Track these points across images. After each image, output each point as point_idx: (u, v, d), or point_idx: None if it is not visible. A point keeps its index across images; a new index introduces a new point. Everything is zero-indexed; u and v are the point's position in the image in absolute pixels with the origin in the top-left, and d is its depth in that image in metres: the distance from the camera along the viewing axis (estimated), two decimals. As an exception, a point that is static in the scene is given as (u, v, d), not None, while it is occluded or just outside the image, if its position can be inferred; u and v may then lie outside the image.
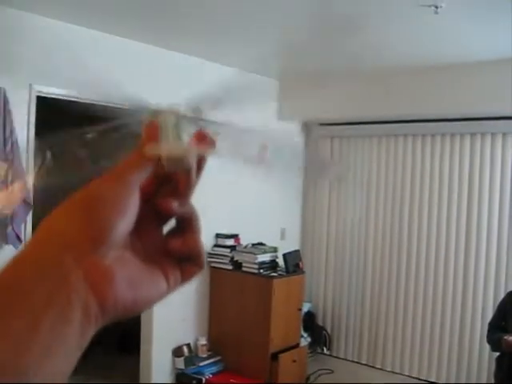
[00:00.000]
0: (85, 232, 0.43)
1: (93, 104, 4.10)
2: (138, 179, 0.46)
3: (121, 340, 5.61)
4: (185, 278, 0.51)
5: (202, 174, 0.50)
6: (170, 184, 0.49)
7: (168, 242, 0.50)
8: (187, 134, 0.48)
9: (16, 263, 0.42)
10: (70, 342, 0.40)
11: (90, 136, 0.51)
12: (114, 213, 0.44)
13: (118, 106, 0.54)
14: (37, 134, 3.83)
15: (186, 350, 5.03)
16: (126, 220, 0.45)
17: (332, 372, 5.56)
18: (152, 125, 0.47)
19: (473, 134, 5.17)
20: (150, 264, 0.49)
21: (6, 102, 3.54)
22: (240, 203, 5.34)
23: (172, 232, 0.51)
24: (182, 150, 0.47)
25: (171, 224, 0.51)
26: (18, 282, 0.40)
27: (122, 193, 0.45)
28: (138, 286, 0.46)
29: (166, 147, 0.47)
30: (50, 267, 0.41)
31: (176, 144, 0.47)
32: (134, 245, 0.48)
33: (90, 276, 0.42)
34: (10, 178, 3.44)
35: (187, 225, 0.50)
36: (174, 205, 0.48)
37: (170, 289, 0.50)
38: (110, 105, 0.75)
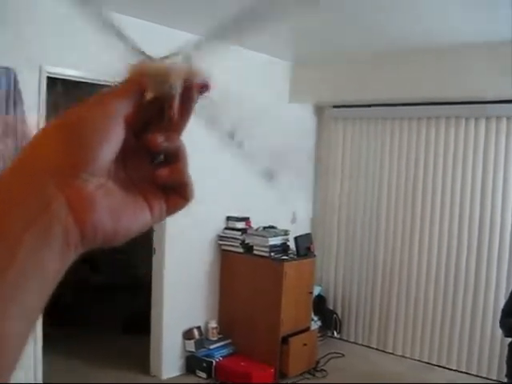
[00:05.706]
0: (67, 157, 0.43)
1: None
2: (121, 108, 0.46)
3: (127, 321, 5.64)
4: (170, 209, 0.51)
5: (192, 110, 0.49)
6: (160, 120, 0.48)
7: (155, 171, 0.50)
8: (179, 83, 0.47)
9: None
10: (48, 266, 0.41)
11: None
12: (96, 138, 0.44)
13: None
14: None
15: (196, 332, 5.04)
16: (108, 146, 0.45)
17: (343, 356, 5.56)
18: (140, 66, 0.47)
19: (477, 118, 5.16)
20: (135, 194, 0.49)
21: (16, 82, 3.51)
22: (251, 186, 5.30)
23: (160, 163, 0.51)
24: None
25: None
26: None
27: (104, 119, 0.45)
28: (120, 215, 0.46)
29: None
30: (32, 191, 0.41)
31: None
32: (118, 175, 0.48)
33: (72, 201, 0.42)
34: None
35: (175, 157, 0.50)
36: (160, 140, 0.48)
37: (154, 219, 0.50)
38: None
